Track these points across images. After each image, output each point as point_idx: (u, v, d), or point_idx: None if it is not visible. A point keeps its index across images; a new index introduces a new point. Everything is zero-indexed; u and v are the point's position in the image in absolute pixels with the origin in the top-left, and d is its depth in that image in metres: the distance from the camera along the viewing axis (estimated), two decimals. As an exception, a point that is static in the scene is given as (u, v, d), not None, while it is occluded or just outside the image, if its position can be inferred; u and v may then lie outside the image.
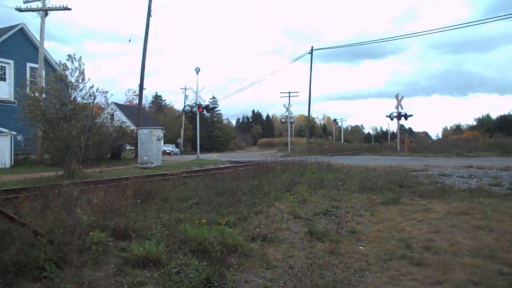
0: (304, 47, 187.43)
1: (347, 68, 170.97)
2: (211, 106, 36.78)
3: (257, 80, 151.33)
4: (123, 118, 42.15)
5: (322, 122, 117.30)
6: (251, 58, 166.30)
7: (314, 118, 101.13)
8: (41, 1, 22.06)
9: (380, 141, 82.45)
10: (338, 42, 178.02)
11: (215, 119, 71.53)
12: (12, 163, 19.63)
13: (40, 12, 22.02)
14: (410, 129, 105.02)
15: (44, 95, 15.46)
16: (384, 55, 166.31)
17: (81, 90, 15.24)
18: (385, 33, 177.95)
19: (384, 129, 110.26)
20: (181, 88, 59.79)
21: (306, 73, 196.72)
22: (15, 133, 19.88)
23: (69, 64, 15.19)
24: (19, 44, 23.77)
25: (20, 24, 23.87)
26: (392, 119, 34.38)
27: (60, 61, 16.11)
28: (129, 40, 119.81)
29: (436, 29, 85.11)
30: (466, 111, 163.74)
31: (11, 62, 23.11)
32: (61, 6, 22.10)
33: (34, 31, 24.42)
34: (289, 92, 43.70)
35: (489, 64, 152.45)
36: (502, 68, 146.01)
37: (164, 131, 30.48)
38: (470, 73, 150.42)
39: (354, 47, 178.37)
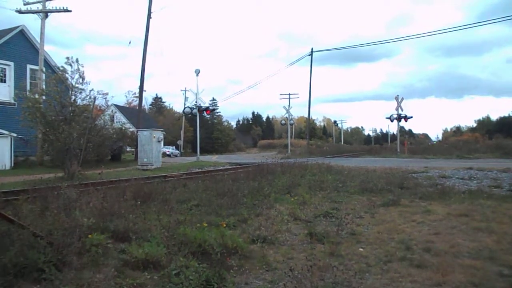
0: (298, 50, 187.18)
1: (342, 71, 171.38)
2: (211, 108, 36.67)
3: (256, 82, 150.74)
4: (123, 120, 42.17)
5: (322, 124, 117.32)
6: (249, 60, 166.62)
7: (314, 120, 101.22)
8: (41, 3, 22.14)
9: (380, 143, 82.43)
10: (332, 46, 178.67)
11: (215, 120, 71.53)
12: (12, 164, 19.63)
13: (40, 14, 22.09)
14: (410, 131, 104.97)
15: (44, 97, 15.47)
16: (377, 58, 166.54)
17: (81, 92, 15.26)
18: (379, 37, 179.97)
19: (384, 131, 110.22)
20: (181, 90, 59.67)
21: (303, 76, 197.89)
22: (15, 134, 19.89)
23: (68, 67, 15.22)
24: (19, 46, 23.79)
25: (20, 26, 23.90)
26: (392, 121, 34.36)
27: (59, 66, 16.13)
28: (129, 42, 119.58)
29: (432, 32, 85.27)
30: (463, 113, 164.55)
31: (11, 64, 23.13)
32: (61, 8, 22.20)
33: (34, 34, 24.51)
34: (289, 94, 43.83)
35: (483, 66, 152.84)
36: (497, 70, 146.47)
37: (164, 132, 30.47)
38: (465, 76, 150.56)
39: (348, 50, 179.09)
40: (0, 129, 19.87)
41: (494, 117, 79.24)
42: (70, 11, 22.19)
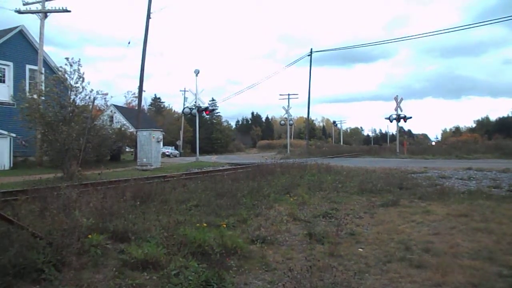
0: (297, 51, 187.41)
1: (340, 72, 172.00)
2: (210, 108, 36.59)
3: (256, 83, 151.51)
4: (123, 120, 42.10)
5: (321, 124, 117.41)
6: (248, 61, 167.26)
7: (313, 120, 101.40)
8: (40, 3, 22.11)
9: (379, 143, 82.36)
10: (331, 47, 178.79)
11: (214, 121, 71.49)
12: (11, 165, 19.62)
13: (40, 14, 22.06)
14: (409, 131, 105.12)
15: (43, 98, 15.44)
16: (375, 59, 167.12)
17: (80, 93, 15.23)
18: (377, 38, 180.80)
19: (384, 131, 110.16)
20: (180, 90, 59.76)
21: (302, 76, 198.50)
22: (14, 135, 19.87)
23: (67, 68, 15.19)
24: (18, 46, 23.78)
25: (19, 26, 23.90)
26: (391, 121, 34.37)
27: (59, 67, 16.12)
28: (129, 43, 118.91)
29: (430, 32, 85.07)
30: (461, 114, 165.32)
31: (11, 64, 23.12)
32: (61, 8, 22.17)
33: (34, 34, 24.49)
34: (288, 95, 43.86)
35: (480, 67, 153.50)
36: (494, 71, 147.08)
37: (163, 133, 30.47)
38: (462, 77, 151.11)
39: (347, 51, 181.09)
40: (-1, 129, 19.87)
41: (493, 117, 79.44)
42: (70, 11, 22.19)
